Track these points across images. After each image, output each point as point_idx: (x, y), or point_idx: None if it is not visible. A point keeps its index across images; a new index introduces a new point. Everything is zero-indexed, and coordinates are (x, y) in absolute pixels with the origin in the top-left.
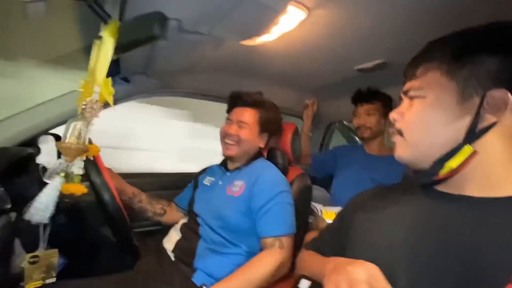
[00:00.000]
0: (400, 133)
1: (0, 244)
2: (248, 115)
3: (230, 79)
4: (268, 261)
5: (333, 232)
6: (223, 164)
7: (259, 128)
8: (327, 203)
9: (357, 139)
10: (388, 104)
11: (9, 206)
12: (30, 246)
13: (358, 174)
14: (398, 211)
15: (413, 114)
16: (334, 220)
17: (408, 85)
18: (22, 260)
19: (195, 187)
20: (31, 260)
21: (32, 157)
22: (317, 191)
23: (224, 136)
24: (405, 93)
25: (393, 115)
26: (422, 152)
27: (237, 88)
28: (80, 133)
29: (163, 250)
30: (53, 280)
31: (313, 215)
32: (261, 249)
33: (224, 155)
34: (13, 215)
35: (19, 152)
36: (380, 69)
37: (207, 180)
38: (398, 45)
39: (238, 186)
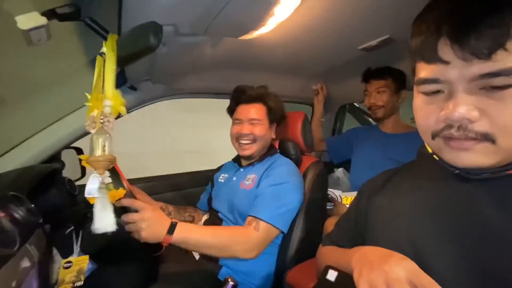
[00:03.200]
0: (488, 138)
1: (40, 252)
2: (258, 111)
3: (234, 74)
4: (237, 233)
5: (350, 223)
6: (237, 160)
7: (269, 121)
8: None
9: (371, 120)
10: (399, 78)
11: (41, 220)
12: (65, 252)
13: (374, 155)
14: (418, 196)
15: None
16: (349, 210)
17: (482, 67)
18: (58, 265)
19: (212, 186)
20: (65, 265)
21: (57, 172)
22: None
23: (237, 137)
24: (475, 79)
25: (463, 114)
26: None
27: (241, 82)
28: (104, 146)
29: (188, 251)
30: (81, 283)
31: (332, 202)
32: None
33: (242, 155)
34: (47, 227)
35: (44, 169)
36: (385, 46)
37: (222, 177)
38: (402, 18)
39: (250, 179)
